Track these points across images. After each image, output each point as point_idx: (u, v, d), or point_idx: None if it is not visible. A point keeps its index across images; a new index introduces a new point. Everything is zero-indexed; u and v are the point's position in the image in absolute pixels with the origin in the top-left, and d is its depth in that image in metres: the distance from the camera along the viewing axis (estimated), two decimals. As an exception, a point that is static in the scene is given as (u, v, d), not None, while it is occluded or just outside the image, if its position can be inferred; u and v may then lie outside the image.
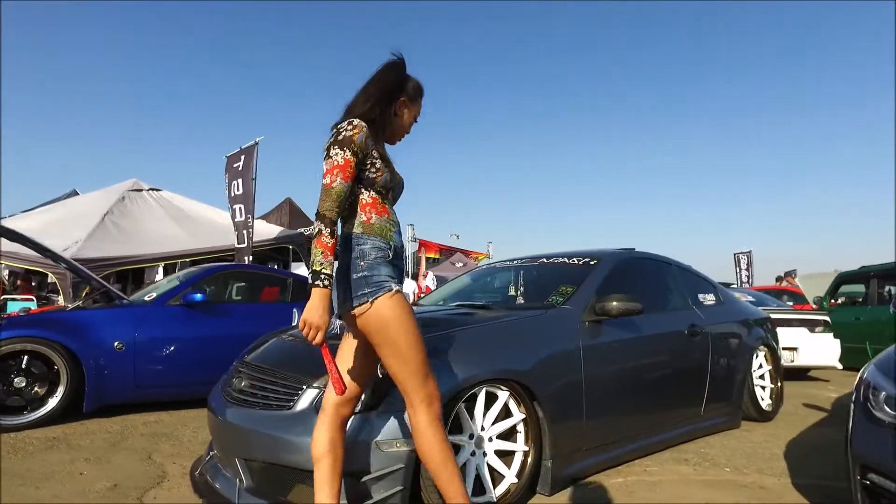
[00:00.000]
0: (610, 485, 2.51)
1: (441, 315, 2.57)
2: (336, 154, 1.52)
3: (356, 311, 1.53)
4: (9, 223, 8.47)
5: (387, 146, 1.71)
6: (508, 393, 2.19)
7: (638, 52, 74.02)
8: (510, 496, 2.16)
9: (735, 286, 8.82)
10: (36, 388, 3.65)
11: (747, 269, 18.98)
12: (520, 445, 2.23)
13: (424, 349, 1.59)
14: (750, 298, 7.53)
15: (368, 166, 1.59)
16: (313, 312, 1.42)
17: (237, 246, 6.60)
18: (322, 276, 1.44)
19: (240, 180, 7.14)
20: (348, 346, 1.70)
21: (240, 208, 7.17)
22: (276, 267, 9.05)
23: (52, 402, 3.66)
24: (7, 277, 9.67)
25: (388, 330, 1.52)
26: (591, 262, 3.11)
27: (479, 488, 2.10)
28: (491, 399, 2.17)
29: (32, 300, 6.93)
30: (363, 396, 1.88)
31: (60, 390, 3.68)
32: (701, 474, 2.72)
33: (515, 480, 2.19)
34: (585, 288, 2.81)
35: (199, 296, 4.23)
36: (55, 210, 8.62)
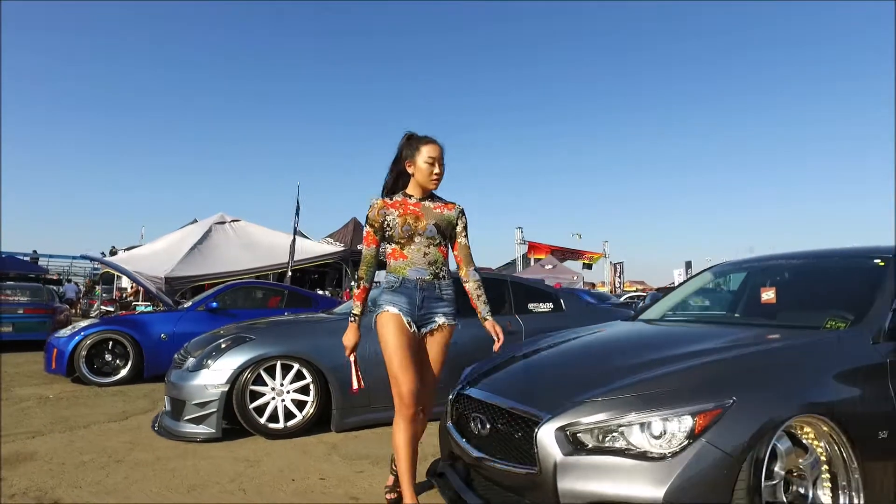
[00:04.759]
0: (378, 431, 3.84)
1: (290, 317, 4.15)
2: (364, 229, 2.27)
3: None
4: (145, 248, 11.74)
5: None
6: (298, 365, 3.69)
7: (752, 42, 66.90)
8: (296, 426, 3.66)
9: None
10: (116, 362, 5.94)
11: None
12: (309, 397, 3.72)
13: (398, 350, 2.17)
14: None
15: (386, 228, 2.22)
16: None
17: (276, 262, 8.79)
18: (351, 315, 2.24)
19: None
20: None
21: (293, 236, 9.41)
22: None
23: (124, 371, 5.91)
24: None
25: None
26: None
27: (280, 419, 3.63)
28: (288, 367, 3.69)
29: (150, 305, 9.80)
30: (205, 360, 3.56)
31: (129, 364, 5.92)
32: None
33: (303, 418, 3.68)
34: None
35: (214, 303, 6.29)
36: (172, 237, 11.69)
